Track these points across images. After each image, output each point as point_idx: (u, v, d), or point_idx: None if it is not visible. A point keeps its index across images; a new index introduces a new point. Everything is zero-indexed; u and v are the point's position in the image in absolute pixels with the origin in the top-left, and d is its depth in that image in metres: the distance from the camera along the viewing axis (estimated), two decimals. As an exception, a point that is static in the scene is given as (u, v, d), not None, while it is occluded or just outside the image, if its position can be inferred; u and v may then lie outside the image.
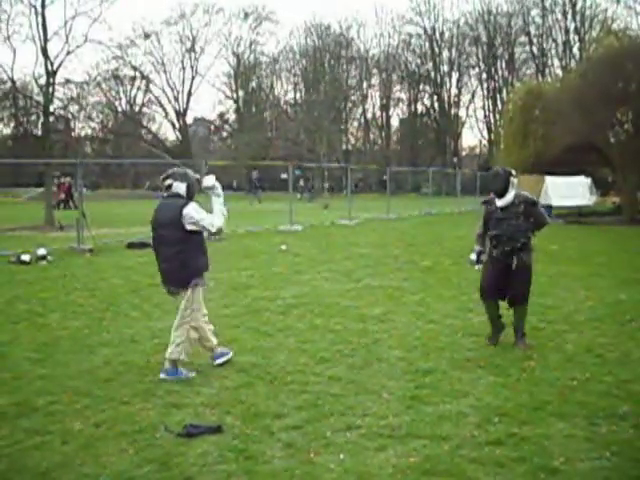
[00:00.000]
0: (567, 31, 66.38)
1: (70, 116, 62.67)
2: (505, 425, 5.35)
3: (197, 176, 7.08)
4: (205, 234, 6.84)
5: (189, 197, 6.79)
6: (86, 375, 6.71)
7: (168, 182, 6.80)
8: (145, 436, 5.19)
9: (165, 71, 76.62)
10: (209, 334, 6.98)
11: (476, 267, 8.21)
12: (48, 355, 7.51)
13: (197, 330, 6.84)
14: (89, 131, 77.39)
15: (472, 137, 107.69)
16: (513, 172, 7.86)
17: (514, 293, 7.85)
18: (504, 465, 4.65)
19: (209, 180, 6.89)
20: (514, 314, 7.96)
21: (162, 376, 6.64)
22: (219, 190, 6.89)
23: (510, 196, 7.73)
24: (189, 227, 6.60)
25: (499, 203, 7.80)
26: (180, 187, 6.77)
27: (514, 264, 7.70)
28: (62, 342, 8.09)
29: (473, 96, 76.41)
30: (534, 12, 68.79)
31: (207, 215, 6.70)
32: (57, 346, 7.90)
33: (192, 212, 6.60)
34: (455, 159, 71.56)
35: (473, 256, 8.17)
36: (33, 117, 74.52)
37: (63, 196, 42.42)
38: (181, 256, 6.63)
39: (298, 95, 79.97)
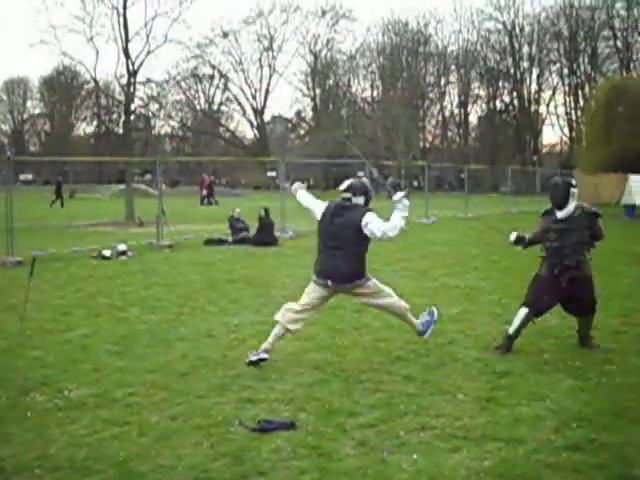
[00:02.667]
0: (654, 23, 64.40)
1: (150, 114, 64.24)
2: (584, 430, 5.21)
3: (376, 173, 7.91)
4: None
5: (366, 206, 7.12)
6: (163, 368, 6.83)
7: (347, 195, 7.08)
8: (220, 430, 5.25)
9: (243, 70, 77.69)
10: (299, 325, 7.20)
11: (517, 247, 8.13)
12: (127, 348, 7.68)
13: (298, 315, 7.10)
14: (169, 129, 79.17)
15: (553, 135, 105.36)
16: (573, 182, 7.62)
17: (582, 306, 7.64)
18: (582, 472, 4.52)
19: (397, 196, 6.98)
20: (581, 322, 7.75)
21: (421, 328, 7.44)
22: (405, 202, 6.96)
23: (570, 207, 7.49)
24: (367, 233, 6.83)
25: (559, 215, 7.55)
26: (359, 200, 7.07)
27: (575, 276, 7.43)
28: (141, 336, 8.27)
29: (554, 92, 74.87)
30: (618, 5, 66.90)
31: (383, 223, 6.87)
32: (136, 339, 8.07)
33: (373, 222, 6.82)
34: (535, 157, 70.21)
35: (513, 236, 8.03)
36: (115, 116, 76.64)
37: (205, 192, 43.49)
38: (355, 257, 6.95)
39: (375, 93, 79.93)
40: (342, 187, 7.17)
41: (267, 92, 78.57)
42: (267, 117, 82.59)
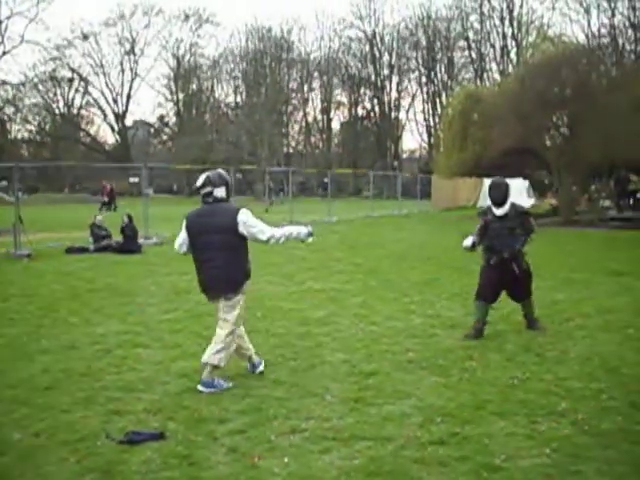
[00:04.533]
0: (504, 36, 67.66)
1: (6, 118, 61.53)
2: (448, 425, 5.41)
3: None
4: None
5: (228, 199, 6.65)
6: (24, 383, 6.56)
7: (207, 190, 6.52)
8: (86, 444, 5.09)
9: (104, 73, 75.77)
10: (248, 342, 6.93)
11: (469, 251, 8.76)
12: (-16, 363, 7.33)
13: (239, 337, 6.73)
14: (26, 134, 76.00)
15: (412, 140, 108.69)
16: (510, 184, 8.57)
17: (517, 293, 8.67)
18: (447, 464, 4.70)
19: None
20: (522, 307, 8.76)
21: (200, 388, 6.37)
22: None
23: (507, 206, 8.35)
24: (243, 232, 6.45)
25: (497, 212, 8.40)
26: (221, 191, 6.55)
27: (516, 271, 8.33)
28: (-1, 350, 7.91)
29: (413, 100, 77.33)
30: (472, 17, 70.01)
31: (262, 224, 6.62)
32: (-7, 354, 7.72)
33: (249, 219, 6.50)
34: (396, 162, 72.13)
35: (468, 242, 8.63)
36: (-34, 119, 72.79)
37: (107, 199, 41.83)
38: (234, 262, 6.50)
39: (239, 98, 79.74)
40: (199, 183, 6.58)
41: (129, 96, 76.96)
42: (129, 122, 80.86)
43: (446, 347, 7.89)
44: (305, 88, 78.14)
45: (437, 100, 73.83)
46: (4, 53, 27.88)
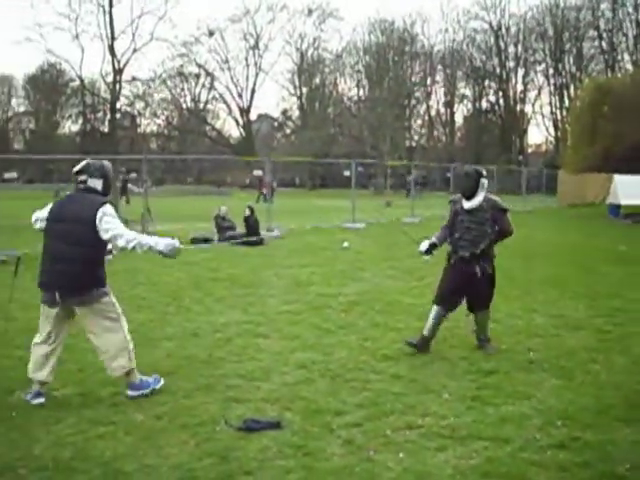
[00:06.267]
0: (638, 24, 64.69)
1: (136, 113, 64.09)
2: (568, 429, 5.24)
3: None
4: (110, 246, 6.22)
5: (105, 194, 6.04)
6: (148, 368, 6.77)
7: (82, 178, 5.97)
8: (205, 429, 5.24)
9: (229, 68, 77.58)
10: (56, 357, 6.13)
11: (424, 258, 7.99)
12: (113, 347, 7.63)
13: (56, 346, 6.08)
14: (154, 127, 78.92)
15: (538, 134, 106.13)
16: (484, 172, 7.51)
17: (474, 300, 7.62)
18: (567, 469, 4.55)
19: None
20: (474, 319, 7.73)
21: (130, 393, 6.00)
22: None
23: (479, 199, 7.41)
24: (102, 229, 5.78)
25: (466, 205, 7.45)
26: (96, 183, 5.98)
27: (478, 273, 7.44)
28: (126, 335, 8.21)
29: (539, 92, 75.14)
30: (604, 5, 67.11)
31: (115, 222, 5.87)
32: (121, 339, 8.02)
33: (108, 214, 5.81)
34: (520, 157, 70.39)
35: (424, 245, 7.87)
36: (100, 114, 76.14)
37: (264, 190, 43.38)
38: (82, 261, 5.84)
39: (361, 92, 79.85)
40: (76, 168, 5.98)
41: (253, 91, 78.55)
42: (253, 116, 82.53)
43: (569, 348, 7.63)
44: (428, 81, 77.43)
45: (565, 92, 71.52)
46: (135, 51, 28.98)
